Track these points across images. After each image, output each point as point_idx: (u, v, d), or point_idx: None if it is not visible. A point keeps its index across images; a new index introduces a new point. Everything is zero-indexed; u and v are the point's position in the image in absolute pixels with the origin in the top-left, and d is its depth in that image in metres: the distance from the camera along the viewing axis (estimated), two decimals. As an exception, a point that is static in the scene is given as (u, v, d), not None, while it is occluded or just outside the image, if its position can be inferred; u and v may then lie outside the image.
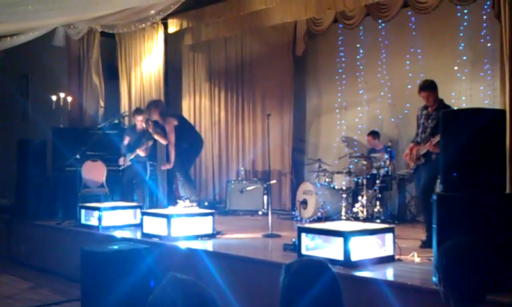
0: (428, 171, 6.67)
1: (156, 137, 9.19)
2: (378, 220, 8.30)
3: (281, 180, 10.91)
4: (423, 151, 6.67)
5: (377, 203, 8.69)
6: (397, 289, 4.66)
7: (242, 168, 11.28)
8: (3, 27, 9.09)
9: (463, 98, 8.80)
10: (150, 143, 9.40)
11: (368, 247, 5.54)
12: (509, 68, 6.09)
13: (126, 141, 9.59)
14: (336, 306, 2.03)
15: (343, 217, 8.54)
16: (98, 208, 8.37)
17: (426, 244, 6.17)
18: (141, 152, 9.36)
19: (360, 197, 8.78)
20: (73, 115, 11.14)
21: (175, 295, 1.67)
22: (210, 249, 6.68)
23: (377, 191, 8.72)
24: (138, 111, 9.84)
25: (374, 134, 9.63)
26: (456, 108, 7.32)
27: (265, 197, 10.00)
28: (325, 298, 2.01)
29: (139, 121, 9.59)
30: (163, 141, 9.12)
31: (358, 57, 10.36)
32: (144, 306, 1.70)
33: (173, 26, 10.93)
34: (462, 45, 8.94)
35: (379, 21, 9.45)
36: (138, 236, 7.61)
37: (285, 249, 6.20)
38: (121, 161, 9.51)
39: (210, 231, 7.35)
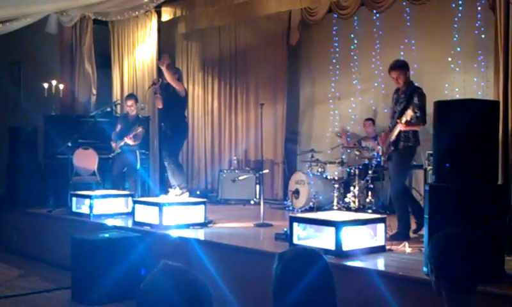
0: (395, 163, 6.48)
1: (168, 74, 8.57)
2: (370, 211, 8.32)
3: (274, 169, 10.92)
4: (392, 137, 6.43)
5: (369, 193, 8.72)
6: (388, 279, 4.68)
7: (235, 157, 11.25)
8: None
9: (456, 89, 8.81)
10: (139, 130, 9.10)
11: (360, 237, 5.55)
12: (503, 60, 6.07)
13: (118, 128, 9.47)
14: (329, 295, 2.03)
15: (335, 207, 8.55)
16: (89, 196, 8.33)
17: (395, 237, 6.00)
18: (129, 140, 9.08)
19: (352, 188, 8.79)
20: (65, 103, 11.06)
21: (167, 283, 1.66)
22: (202, 237, 6.67)
23: (369, 181, 8.74)
24: (130, 96, 9.74)
25: (372, 121, 9.67)
26: (446, 98, 7.28)
27: (258, 186, 10.00)
28: (318, 287, 2.01)
29: (129, 107, 9.48)
30: (172, 81, 8.60)
31: (352, 47, 10.34)
32: (136, 294, 1.69)
33: (167, 14, 10.84)
34: (456, 36, 8.93)
35: (374, 11, 9.42)
36: (129, 224, 7.59)
37: (276, 239, 6.21)
38: (113, 145, 9.32)
39: (202, 220, 7.35)
